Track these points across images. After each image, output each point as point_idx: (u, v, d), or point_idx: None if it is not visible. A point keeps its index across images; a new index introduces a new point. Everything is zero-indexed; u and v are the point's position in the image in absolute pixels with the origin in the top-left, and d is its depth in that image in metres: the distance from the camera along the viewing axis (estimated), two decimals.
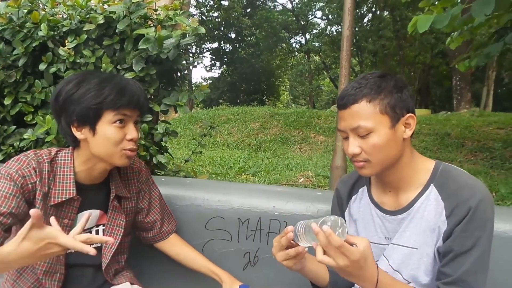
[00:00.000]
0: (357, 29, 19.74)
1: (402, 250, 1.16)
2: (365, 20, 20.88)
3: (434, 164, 1.16)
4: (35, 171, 1.20)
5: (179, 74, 2.28)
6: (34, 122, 2.18)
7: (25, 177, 1.18)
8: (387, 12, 19.01)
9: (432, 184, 1.13)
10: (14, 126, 2.24)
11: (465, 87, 12.66)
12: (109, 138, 1.20)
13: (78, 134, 1.22)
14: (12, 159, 1.21)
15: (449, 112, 11.73)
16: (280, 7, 25.94)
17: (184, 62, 2.21)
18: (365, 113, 1.08)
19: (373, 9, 20.44)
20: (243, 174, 6.11)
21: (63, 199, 1.23)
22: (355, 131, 1.10)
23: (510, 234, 1.37)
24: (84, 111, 1.17)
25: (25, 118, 2.22)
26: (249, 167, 6.54)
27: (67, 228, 1.27)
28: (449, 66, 14.54)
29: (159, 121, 2.34)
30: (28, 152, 1.24)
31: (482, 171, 6.36)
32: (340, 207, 1.36)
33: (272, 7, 26.01)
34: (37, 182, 1.20)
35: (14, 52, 2.10)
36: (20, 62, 2.08)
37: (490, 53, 4.02)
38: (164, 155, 2.30)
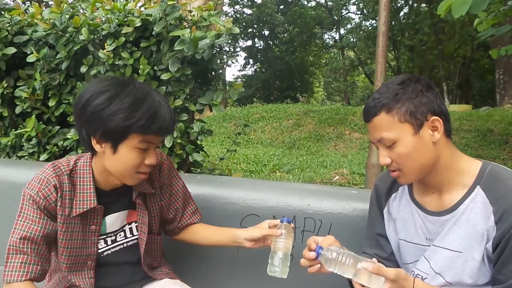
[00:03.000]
0: (393, 23, 19.25)
1: (445, 253, 1.14)
2: (401, 13, 20.30)
3: (481, 165, 1.13)
4: (55, 188, 1.21)
5: (213, 73, 2.31)
6: None
7: (46, 198, 1.20)
8: (425, 5, 18.41)
9: (478, 186, 1.10)
10: (58, 127, 2.34)
11: (509, 80, 12.07)
12: (128, 162, 1.19)
13: (97, 147, 1.20)
14: (33, 178, 1.23)
15: (491, 108, 11.21)
16: (314, 2, 25.67)
17: (218, 61, 2.24)
18: (385, 124, 1.09)
19: (410, 2, 19.83)
20: (277, 171, 6.12)
21: (85, 210, 1.25)
22: (381, 142, 1.12)
23: None
24: (111, 130, 1.14)
25: (68, 119, 2.32)
26: (283, 164, 6.55)
27: (95, 233, 1.30)
28: (491, 59, 13.93)
29: (194, 120, 2.39)
30: (47, 167, 1.24)
31: None
32: (379, 204, 1.35)
33: (305, 2, 25.78)
34: (58, 198, 1.22)
35: (58, 56, 2.19)
36: (63, 65, 2.17)
37: None
38: (200, 153, 2.34)
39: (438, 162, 1.12)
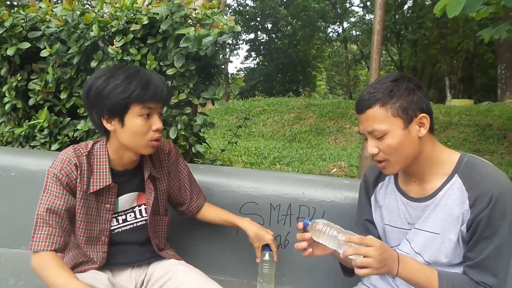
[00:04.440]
0: (396, 16, 19.19)
1: (424, 234, 1.25)
2: (405, 7, 20.20)
3: (459, 156, 1.23)
4: (76, 167, 1.36)
5: (216, 69, 2.40)
6: (86, 114, 2.37)
7: (68, 175, 1.35)
8: None
9: (456, 175, 1.20)
10: (69, 118, 2.44)
11: (511, 76, 12.11)
12: (136, 129, 1.33)
13: (108, 126, 1.35)
14: (56, 159, 1.38)
15: (491, 102, 11.26)
16: None
17: (221, 57, 2.34)
18: (379, 117, 1.18)
19: None
20: (277, 164, 6.21)
21: (101, 187, 1.39)
22: (372, 133, 1.21)
23: None
24: (113, 105, 1.30)
25: (78, 111, 2.42)
26: (283, 157, 6.63)
27: (109, 211, 1.44)
28: (495, 53, 13.90)
29: (197, 113, 2.49)
30: (68, 149, 1.40)
31: None
32: (367, 192, 1.45)
33: None
34: (78, 176, 1.36)
35: (69, 51, 2.28)
36: (75, 60, 2.27)
37: None
38: (202, 145, 2.44)
39: (420, 155, 1.22)
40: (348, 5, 24.09)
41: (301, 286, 1.82)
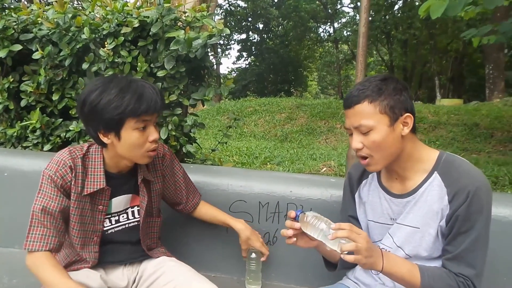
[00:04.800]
0: (387, 17, 19.37)
1: (406, 229, 1.30)
2: (396, 7, 20.39)
3: (438, 154, 1.30)
4: (71, 169, 1.38)
5: (206, 70, 2.45)
6: (78, 115, 2.40)
7: (63, 177, 1.37)
8: None
9: (435, 172, 1.26)
10: (61, 119, 2.47)
11: (499, 75, 12.31)
12: (133, 143, 1.35)
13: (105, 140, 1.36)
14: (51, 160, 1.40)
15: (479, 102, 11.44)
16: None
17: (211, 58, 2.38)
18: (367, 112, 1.23)
19: None
20: (268, 163, 6.25)
21: (95, 190, 1.42)
22: (358, 128, 1.25)
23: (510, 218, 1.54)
24: (108, 120, 1.31)
25: (70, 112, 2.45)
26: (274, 157, 6.67)
27: (102, 213, 1.48)
28: (483, 54, 14.09)
29: (188, 114, 2.53)
30: (63, 151, 1.42)
31: (510, 162, 6.28)
32: (351, 189, 1.51)
33: None
34: (72, 178, 1.38)
35: (61, 53, 2.31)
36: (66, 62, 2.30)
37: (507, 33, 3.90)
38: (193, 145, 2.48)
39: (402, 153, 1.28)
40: (338, 5, 24.27)
41: (289, 281, 1.87)
